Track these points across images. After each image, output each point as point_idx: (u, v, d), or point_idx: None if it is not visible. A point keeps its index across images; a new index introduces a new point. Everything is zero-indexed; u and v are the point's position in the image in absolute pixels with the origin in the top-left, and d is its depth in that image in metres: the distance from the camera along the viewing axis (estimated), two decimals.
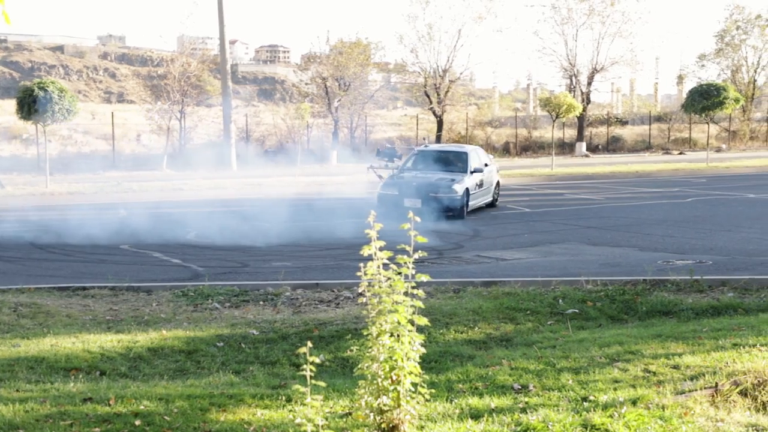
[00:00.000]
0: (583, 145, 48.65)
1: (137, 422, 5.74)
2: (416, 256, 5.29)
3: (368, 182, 24.73)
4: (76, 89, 65.47)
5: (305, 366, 4.86)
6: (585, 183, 30.16)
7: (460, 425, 5.65)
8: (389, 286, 5.22)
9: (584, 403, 6.13)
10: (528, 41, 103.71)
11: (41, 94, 25.31)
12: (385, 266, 5.27)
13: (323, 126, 46.08)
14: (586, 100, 48.49)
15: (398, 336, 5.21)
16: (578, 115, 38.68)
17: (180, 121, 39.96)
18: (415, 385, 5.28)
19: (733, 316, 9.64)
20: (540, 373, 6.96)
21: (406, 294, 5.25)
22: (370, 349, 5.22)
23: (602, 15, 48.21)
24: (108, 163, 36.31)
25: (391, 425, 5.23)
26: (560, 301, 10.40)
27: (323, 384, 5.09)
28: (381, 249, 5.23)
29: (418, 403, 5.34)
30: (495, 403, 6.14)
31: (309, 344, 4.93)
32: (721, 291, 11.11)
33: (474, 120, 52.65)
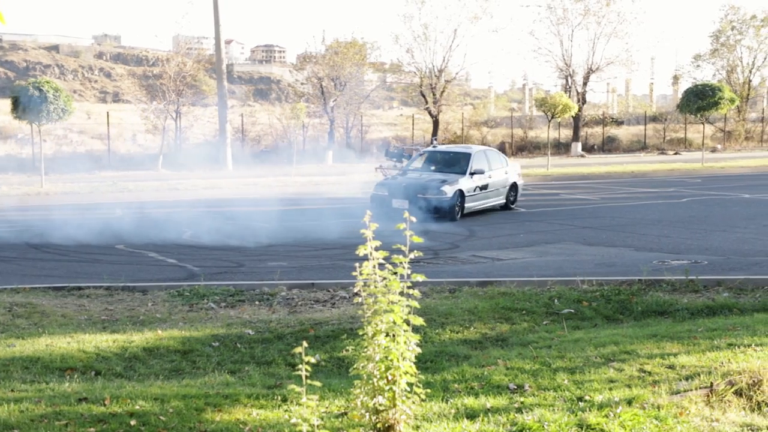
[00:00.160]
0: (579, 145, 48.69)
1: (133, 422, 5.73)
2: (412, 255, 5.29)
3: (363, 182, 24.71)
4: (72, 89, 65.40)
5: (301, 366, 4.86)
6: (580, 183, 30.19)
7: (455, 425, 5.65)
8: (385, 286, 5.22)
9: (580, 402, 6.13)
10: (523, 41, 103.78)
11: (36, 93, 25.26)
12: (381, 266, 5.27)
13: (319, 126, 46.08)
14: (582, 100, 48.57)
15: (394, 336, 5.21)
16: (574, 115, 38.76)
17: (175, 120, 39.88)
18: (410, 385, 5.28)
19: (729, 316, 9.67)
20: (536, 373, 6.97)
21: (401, 294, 5.25)
22: (365, 349, 5.22)
23: (598, 15, 48.33)
24: (103, 162, 36.26)
25: (386, 425, 5.23)
26: (556, 301, 10.41)
27: (319, 384, 5.10)
28: (376, 249, 5.24)
29: (414, 403, 5.34)
30: (491, 403, 6.15)
31: (304, 344, 4.91)
32: (717, 291, 11.13)
33: (470, 120, 52.70)
